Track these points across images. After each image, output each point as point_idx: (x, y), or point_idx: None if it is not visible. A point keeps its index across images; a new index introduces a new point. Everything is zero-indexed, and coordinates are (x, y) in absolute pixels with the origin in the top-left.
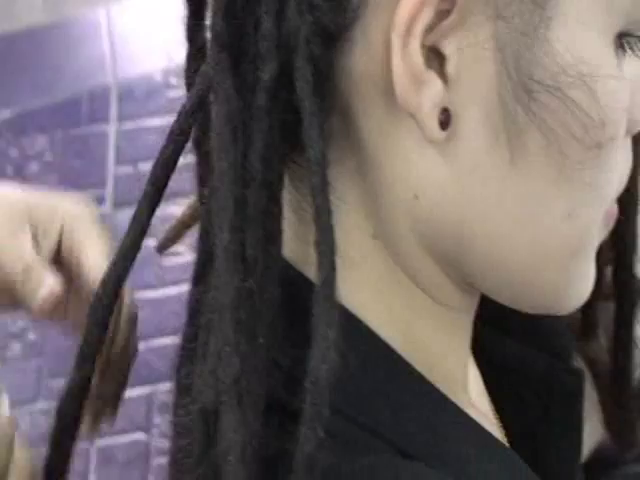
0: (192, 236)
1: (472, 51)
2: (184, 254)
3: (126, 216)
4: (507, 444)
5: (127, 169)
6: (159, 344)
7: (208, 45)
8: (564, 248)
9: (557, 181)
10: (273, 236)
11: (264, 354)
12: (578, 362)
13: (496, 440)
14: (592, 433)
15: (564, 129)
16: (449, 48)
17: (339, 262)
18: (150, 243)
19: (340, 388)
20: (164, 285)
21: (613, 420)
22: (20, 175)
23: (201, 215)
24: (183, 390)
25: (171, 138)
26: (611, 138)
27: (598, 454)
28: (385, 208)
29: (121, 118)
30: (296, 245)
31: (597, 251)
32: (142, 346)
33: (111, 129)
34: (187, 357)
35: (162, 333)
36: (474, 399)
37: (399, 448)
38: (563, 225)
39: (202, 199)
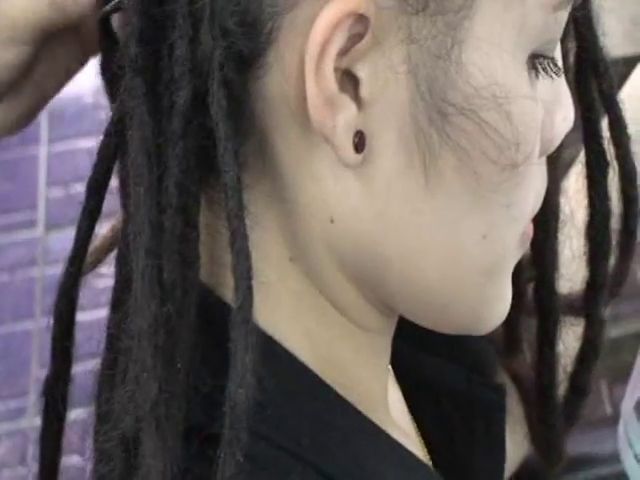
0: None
1: (385, 74)
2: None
3: (59, 239)
4: (429, 462)
5: (59, 191)
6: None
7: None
8: (480, 270)
9: (472, 204)
10: (190, 260)
11: (183, 379)
12: (501, 377)
13: (416, 459)
14: (517, 448)
15: (478, 151)
16: (363, 71)
17: (256, 285)
18: None
19: (259, 412)
20: (98, 307)
21: (538, 435)
22: None
23: (118, 240)
24: (103, 416)
25: (98, 160)
26: (526, 158)
27: (525, 469)
28: (302, 231)
29: (52, 140)
30: (213, 268)
31: (518, 268)
32: (80, 368)
33: (42, 151)
34: (106, 383)
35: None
36: (396, 418)
37: (319, 469)
38: (478, 247)
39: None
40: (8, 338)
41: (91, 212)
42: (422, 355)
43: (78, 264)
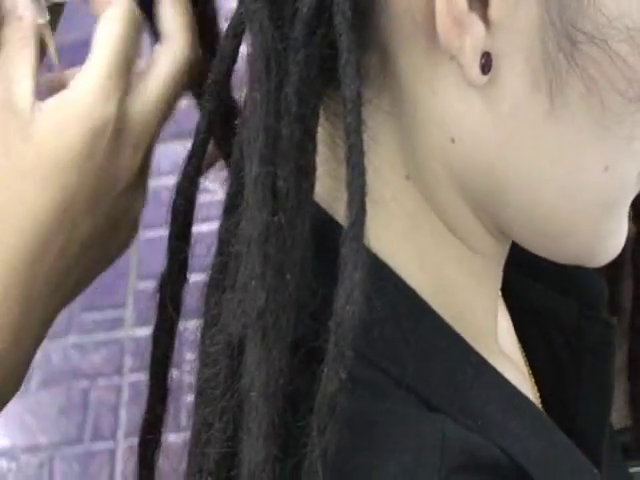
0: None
1: None
2: (214, 192)
3: None
4: (536, 393)
5: None
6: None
7: None
8: (599, 201)
9: (596, 134)
10: (306, 171)
11: (291, 291)
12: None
13: (522, 396)
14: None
15: (606, 81)
16: None
17: (370, 202)
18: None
19: (365, 332)
20: (196, 221)
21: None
22: None
23: (232, 146)
24: (210, 320)
25: (220, 59)
26: None
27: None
28: (420, 149)
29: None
30: (327, 181)
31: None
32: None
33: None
34: (216, 287)
35: (191, 270)
36: (504, 346)
37: (422, 398)
38: (599, 177)
39: (234, 130)
40: None
41: (210, 113)
42: (533, 283)
43: (196, 164)
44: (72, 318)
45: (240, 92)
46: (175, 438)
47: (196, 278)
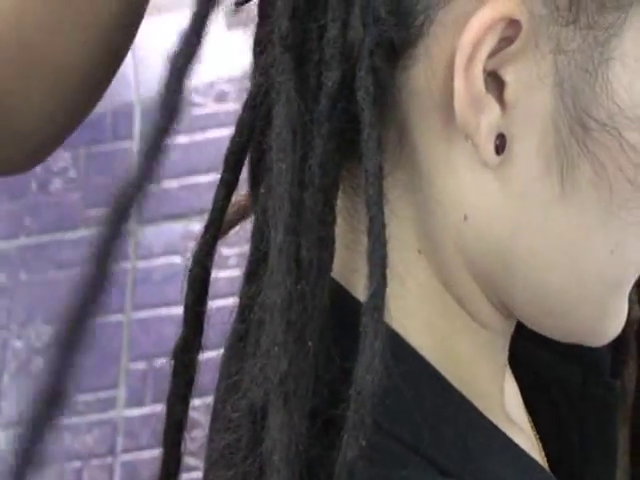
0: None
1: (531, 80)
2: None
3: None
4: (544, 458)
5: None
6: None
7: (268, 47)
8: (604, 283)
9: (603, 218)
10: (327, 242)
11: (312, 358)
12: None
13: (532, 460)
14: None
15: (616, 167)
16: (509, 75)
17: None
18: (175, 260)
19: (381, 402)
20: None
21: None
22: (43, 191)
23: (255, 214)
24: (232, 386)
25: (236, 132)
26: None
27: None
28: (433, 225)
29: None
30: (341, 253)
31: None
32: (167, 361)
33: (134, 146)
34: (236, 355)
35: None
36: (512, 414)
37: (436, 465)
38: (605, 261)
39: (255, 198)
40: (99, 329)
41: (228, 184)
42: (538, 350)
43: (213, 233)
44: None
45: None
46: None
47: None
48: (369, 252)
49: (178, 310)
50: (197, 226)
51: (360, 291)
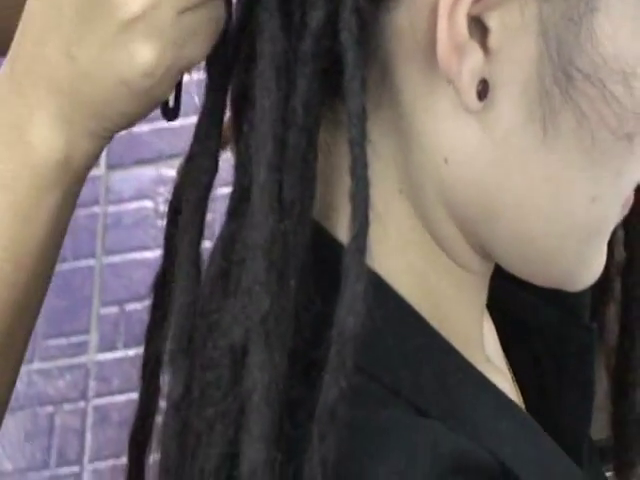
0: None
1: (515, 28)
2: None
3: (122, 180)
4: (520, 398)
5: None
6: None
7: None
8: (584, 229)
9: (585, 166)
10: (309, 180)
11: (293, 297)
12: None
13: (510, 400)
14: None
15: (598, 117)
16: (493, 21)
17: None
18: (147, 204)
19: (362, 343)
20: (159, 247)
21: (617, 417)
22: None
23: (238, 150)
24: (213, 324)
25: (212, 69)
26: None
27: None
28: (414, 165)
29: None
30: (320, 189)
31: (609, 249)
32: (138, 306)
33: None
34: (218, 292)
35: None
36: (490, 354)
37: (414, 404)
38: (585, 208)
39: (238, 133)
40: (70, 274)
41: (213, 113)
42: (516, 292)
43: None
44: (35, 344)
45: None
46: None
47: None
48: (352, 193)
49: (150, 254)
50: (168, 171)
51: (339, 230)
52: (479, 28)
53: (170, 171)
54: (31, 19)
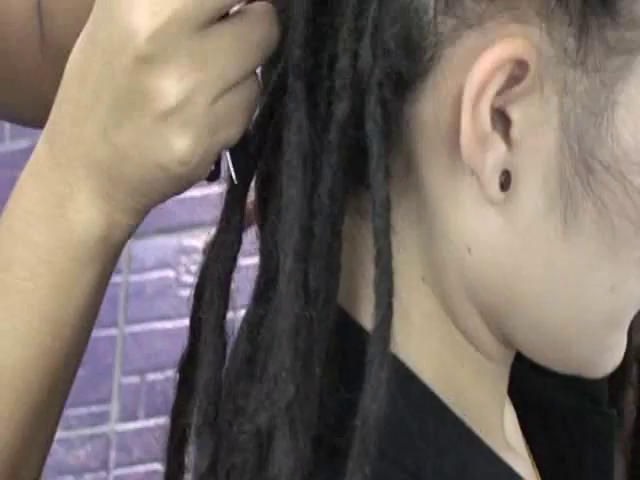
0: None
1: (537, 120)
2: None
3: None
4: None
5: None
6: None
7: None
8: (604, 319)
9: (605, 255)
10: (333, 269)
11: (318, 384)
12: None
13: None
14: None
15: (619, 209)
16: (516, 113)
17: None
18: (168, 274)
19: (385, 430)
20: (181, 316)
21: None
22: None
23: (264, 235)
24: (239, 409)
25: (242, 154)
26: None
27: None
28: (438, 254)
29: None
30: (346, 277)
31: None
32: (160, 376)
33: None
34: (243, 376)
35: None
36: (510, 439)
37: None
38: (606, 297)
39: (262, 216)
40: (91, 344)
41: (237, 194)
42: (537, 376)
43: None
44: None
45: None
46: None
47: None
48: (376, 283)
49: (171, 324)
50: (190, 240)
51: (364, 317)
52: (501, 120)
53: (192, 241)
54: (68, 101)
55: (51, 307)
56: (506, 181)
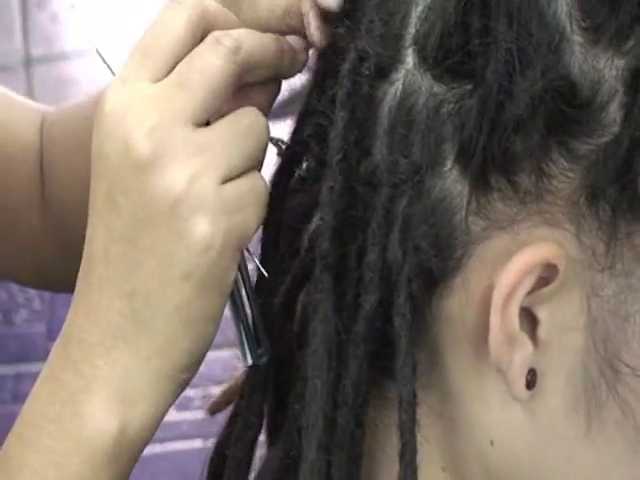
0: None
1: (565, 320)
2: None
3: None
4: None
5: None
6: None
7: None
8: None
9: (627, 455)
10: (356, 458)
11: None
12: None
13: None
14: None
15: None
16: (543, 312)
17: None
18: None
19: None
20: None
21: None
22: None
23: (288, 419)
24: None
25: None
26: None
27: None
28: (459, 446)
29: None
30: (365, 463)
31: None
32: None
33: None
34: None
35: None
36: None
37: None
38: None
39: (294, 394)
40: None
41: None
42: None
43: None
44: None
45: None
46: None
47: None
48: (400, 477)
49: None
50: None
51: None
52: (528, 318)
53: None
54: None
55: None
56: (532, 380)
